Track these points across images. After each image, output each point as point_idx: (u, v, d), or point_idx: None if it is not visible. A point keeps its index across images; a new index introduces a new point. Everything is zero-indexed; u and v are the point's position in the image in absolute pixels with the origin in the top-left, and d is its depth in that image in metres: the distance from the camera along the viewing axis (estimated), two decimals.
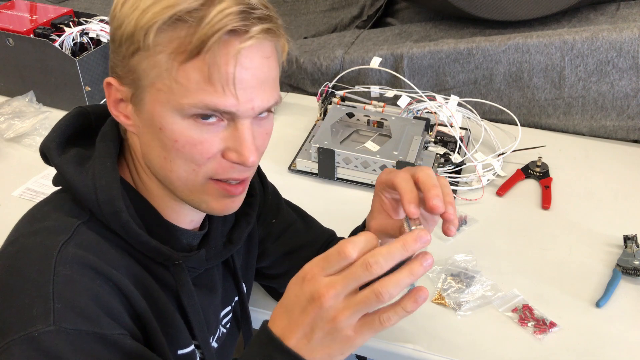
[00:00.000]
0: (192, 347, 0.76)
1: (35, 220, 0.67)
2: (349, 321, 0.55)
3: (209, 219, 0.78)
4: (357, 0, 1.94)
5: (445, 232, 0.68)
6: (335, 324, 0.55)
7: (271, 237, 0.95)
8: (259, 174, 0.91)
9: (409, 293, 0.57)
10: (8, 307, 0.59)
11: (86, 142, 0.72)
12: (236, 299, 0.89)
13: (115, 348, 0.60)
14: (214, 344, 0.84)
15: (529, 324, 0.98)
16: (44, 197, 0.73)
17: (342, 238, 1.01)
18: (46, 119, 1.45)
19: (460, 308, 1.00)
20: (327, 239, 0.99)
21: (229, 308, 0.88)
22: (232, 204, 0.69)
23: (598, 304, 1.02)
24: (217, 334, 0.85)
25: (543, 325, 0.98)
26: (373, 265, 0.54)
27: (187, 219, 0.74)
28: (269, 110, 0.67)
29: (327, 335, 0.56)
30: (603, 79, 1.41)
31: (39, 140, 1.40)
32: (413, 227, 0.63)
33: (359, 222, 0.94)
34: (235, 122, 0.63)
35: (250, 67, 0.61)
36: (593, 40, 1.38)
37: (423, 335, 0.96)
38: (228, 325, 0.89)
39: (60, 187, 0.72)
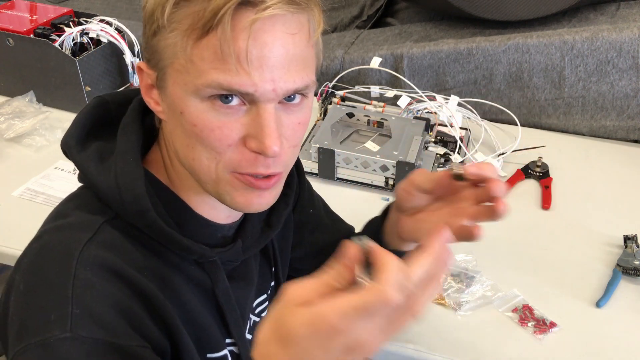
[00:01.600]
0: (225, 351, 0.73)
1: (59, 216, 0.65)
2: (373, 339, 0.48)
3: None
4: (357, 0, 1.94)
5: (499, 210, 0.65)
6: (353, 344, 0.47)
7: (308, 228, 0.90)
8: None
9: None
10: (27, 308, 0.59)
11: (108, 134, 0.68)
12: (272, 284, 0.85)
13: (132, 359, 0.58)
14: (248, 336, 0.80)
15: (529, 324, 0.98)
16: (44, 197, 0.72)
17: (359, 234, 0.95)
18: (46, 119, 1.45)
19: (460, 308, 1.00)
20: (349, 236, 0.96)
21: (264, 296, 0.83)
22: (260, 199, 0.63)
23: (598, 304, 1.02)
24: (249, 324, 0.81)
25: (543, 325, 0.98)
26: (418, 312, 0.48)
27: (224, 214, 0.70)
28: (302, 95, 0.61)
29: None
30: (603, 79, 1.41)
31: (38, 140, 1.40)
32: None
33: (359, 222, 0.94)
34: (257, 106, 0.58)
35: (269, 42, 0.56)
36: (593, 40, 1.38)
37: (423, 335, 0.96)
38: (263, 314, 0.83)
39: (81, 183, 0.69)
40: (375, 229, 0.82)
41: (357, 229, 1.04)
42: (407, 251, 0.79)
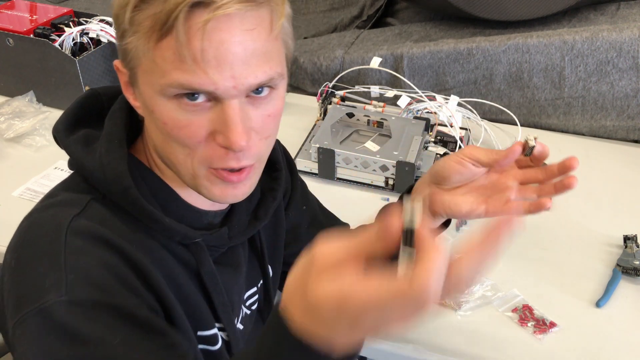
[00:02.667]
0: (215, 330, 0.74)
1: (49, 197, 0.68)
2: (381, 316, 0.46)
3: None
4: (357, 0, 1.94)
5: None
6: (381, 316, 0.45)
7: (303, 225, 0.93)
8: (285, 155, 0.88)
9: None
10: (22, 280, 0.60)
11: (97, 123, 0.70)
12: (262, 281, 0.86)
13: (130, 318, 0.59)
14: (239, 325, 0.81)
15: (529, 324, 0.98)
16: None
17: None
18: (46, 119, 1.45)
19: (460, 308, 1.00)
20: None
21: (254, 289, 0.85)
22: (235, 191, 0.65)
23: (598, 304, 1.02)
24: (241, 314, 0.82)
25: (543, 325, 0.98)
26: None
27: (209, 202, 0.70)
28: (270, 87, 0.61)
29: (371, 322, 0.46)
30: (603, 79, 1.41)
31: (39, 140, 1.40)
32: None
33: (359, 222, 0.94)
34: (222, 103, 0.59)
35: (225, 40, 0.56)
36: (593, 40, 1.38)
37: (423, 335, 0.96)
38: (254, 307, 0.86)
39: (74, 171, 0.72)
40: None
41: None
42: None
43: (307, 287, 0.45)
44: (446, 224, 0.81)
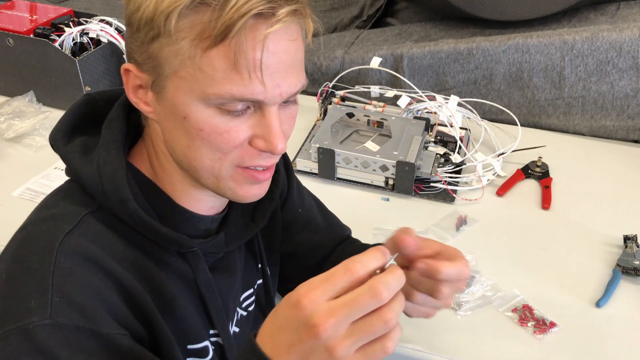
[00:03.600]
0: (206, 342, 0.74)
1: (44, 207, 0.67)
2: (348, 351, 0.50)
3: (229, 202, 0.75)
4: (357, 0, 1.94)
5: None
6: (333, 354, 0.50)
7: (296, 227, 0.92)
8: (283, 157, 0.88)
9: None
10: (8, 295, 0.59)
11: (93, 130, 0.70)
12: (259, 282, 0.86)
13: (112, 347, 0.58)
14: (235, 328, 0.81)
15: (529, 324, 0.98)
16: (44, 197, 0.73)
17: (356, 240, 0.99)
18: (46, 119, 1.45)
19: (460, 308, 1.00)
20: (343, 239, 0.97)
21: (250, 291, 0.85)
22: (259, 190, 0.67)
23: (598, 304, 1.02)
24: (236, 317, 0.82)
25: (543, 325, 0.98)
26: (383, 292, 0.50)
27: (208, 205, 0.72)
28: (294, 100, 0.65)
29: None
30: (603, 79, 1.41)
31: (39, 140, 1.40)
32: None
33: (359, 222, 0.94)
34: (262, 109, 0.61)
35: (277, 51, 0.58)
36: (593, 40, 1.38)
37: (423, 335, 0.96)
38: (250, 309, 0.86)
39: (67, 177, 0.71)
40: None
41: (357, 229, 1.04)
42: None
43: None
44: None
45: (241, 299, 0.84)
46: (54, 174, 1.31)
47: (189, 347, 0.72)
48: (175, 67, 0.59)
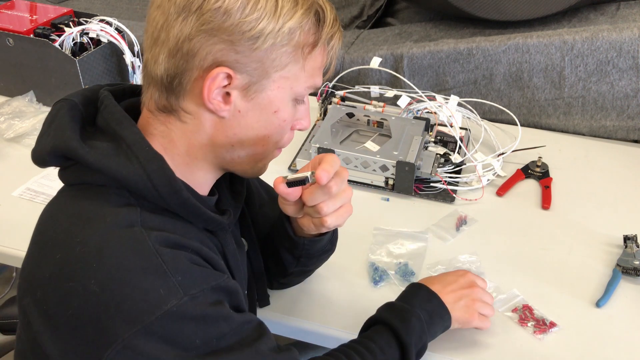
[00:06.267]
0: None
1: (89, 221, 0.65)
2: (479, 306, 0.92)
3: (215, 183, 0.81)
4: (357, 0, 1.94)
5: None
6: (474, 303, 0.92)
7: (254, 204, 0.96)
8: None
9: None
10: (122, 300, 0.60)
11: (93, 134, 0.71)
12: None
13: (228, 291, 0.68)
14: None
15: (529, 324, 0.98)
16: (44, 197, 0.73)
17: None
18: None
19: None
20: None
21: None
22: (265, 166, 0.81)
23: (598, 304, 1.02)
24: None
25: (543, 325, 0.98)
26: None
27: (205, 189, 0.78)
28: None
29: (465, 306, 0.91)
30: (603, 79, 1.41)
31: None
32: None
33: (359, 222, 0.94)
34: (304, 99, 0.77)
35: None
36: (593, 40, 1.38)
37: None
38: None
39: (74, 184, 0.71)
40: (284, 229, 0.88)
41: (357, 229, 1.04)
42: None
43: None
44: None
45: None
46: (54, 174, 1.30)
47: None
48: (280, 68, 0.70)
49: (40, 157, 0.71)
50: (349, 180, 1.29)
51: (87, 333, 0.60)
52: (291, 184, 0.75)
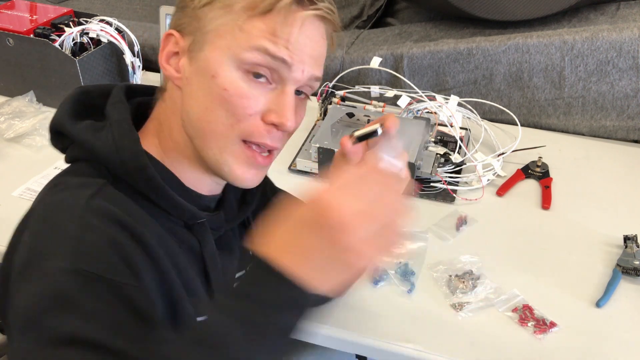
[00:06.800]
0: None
1: (55, 185, 0.69)
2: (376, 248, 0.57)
3: (224, 187, 0.80)
4: (357, 0, 1.94)
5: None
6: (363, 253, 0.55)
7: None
8: None
9: None
10: (33, 247, 0.62)
11: (95, 115, 0.73)
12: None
13: (126, 299, 0.60)
14: None
15: (529, 324, 0.98)
16: None
17: None
18: (46, 119, 1.45)
19: (462, 309, 1.00)
20: None
21: (242, 272, 0.88)
22: (255, 177, 0.71)
23: (598, 304, 1.02)
24: None
25: (543, 325, 0.98)
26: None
27: (207, 186, 0.76)
28: (305, 95, 0.72)
29: (347, 265, 0.54)
30: (603, 79, 1.41)
31: (39, 140, 1.40)
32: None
33: None
34: (283, 86, 0.67)
35: (310, 36, 0.67)
36: (593, 40, 1.38)
37: (423, 335, 0.96)
38: None
39: (69, 162, 0.74)
40: None
41: None
42: None
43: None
44: None
45: (236, 277, 0.87)
46: (53, 174, 1.30)
47: (198, 319, 0.73)
48: (217, 26, 0.66)
49: (52, 132, 0.75)
50: None
51: (17, 269, 0.62)
52: (361, 138, 0.69)
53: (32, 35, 1.47)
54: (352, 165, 0.72)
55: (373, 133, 0.69)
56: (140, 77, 1.56)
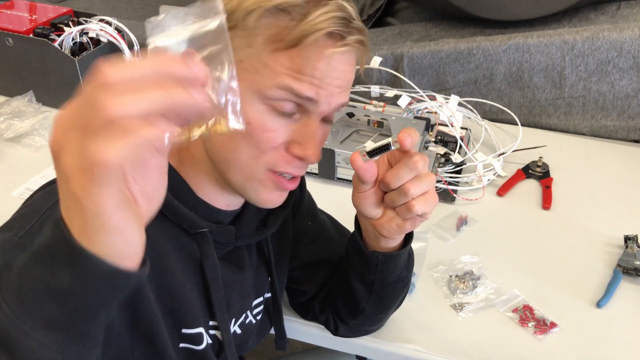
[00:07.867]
0: (200, 329, 0.74)
1: (54, 184, 0.70)
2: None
3: (245, 202, 0.77)
4: (357, 0, 1.94)
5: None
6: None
7: (304, 240, 0.92)
8: None
9: None
10: (10, 219, 0.66)
11: None
12: (267, 295, 0.87)
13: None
14: (237, 329, 0.82)
15: (530, 324, 0.98)
16: None
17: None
18: (46, 119, 1.45)
19: (462, 309, 1.00)
20: None
21: (261, 299, 0.86)
22: (280, 198, 0.70)
23: (599, 304, 1.01)
24: (242, 319, 0.83)
25: (544, 326, 0.98)
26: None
27: (224, 201, 0.73)
28: (330, 121, 0.70)
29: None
30: (603, 79, 1.40)
31: (38, 140, 1.40)
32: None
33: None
34: (308, 117, 0.65)
35: (338, 69, 0.63)
36: (593, 40, 1.38)
37: (423, 335, 0.96)
38: (259, 317, 0.87)
39: None
40: (356, 244, 0.82)
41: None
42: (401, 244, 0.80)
43: None
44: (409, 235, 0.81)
45: (253, 304, 0.84)
46: (53, 174, 1.31)
47: (183, 331, 0.72)
48: (240, 57, 0.61)
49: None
50: (348, 180, 1.29)
51: None
52: (373, 153, 0.66)
53: (31, 35, 1.47)
54: (367, 186, 0.73)
55: (386, 147, 0.65)
56: None
